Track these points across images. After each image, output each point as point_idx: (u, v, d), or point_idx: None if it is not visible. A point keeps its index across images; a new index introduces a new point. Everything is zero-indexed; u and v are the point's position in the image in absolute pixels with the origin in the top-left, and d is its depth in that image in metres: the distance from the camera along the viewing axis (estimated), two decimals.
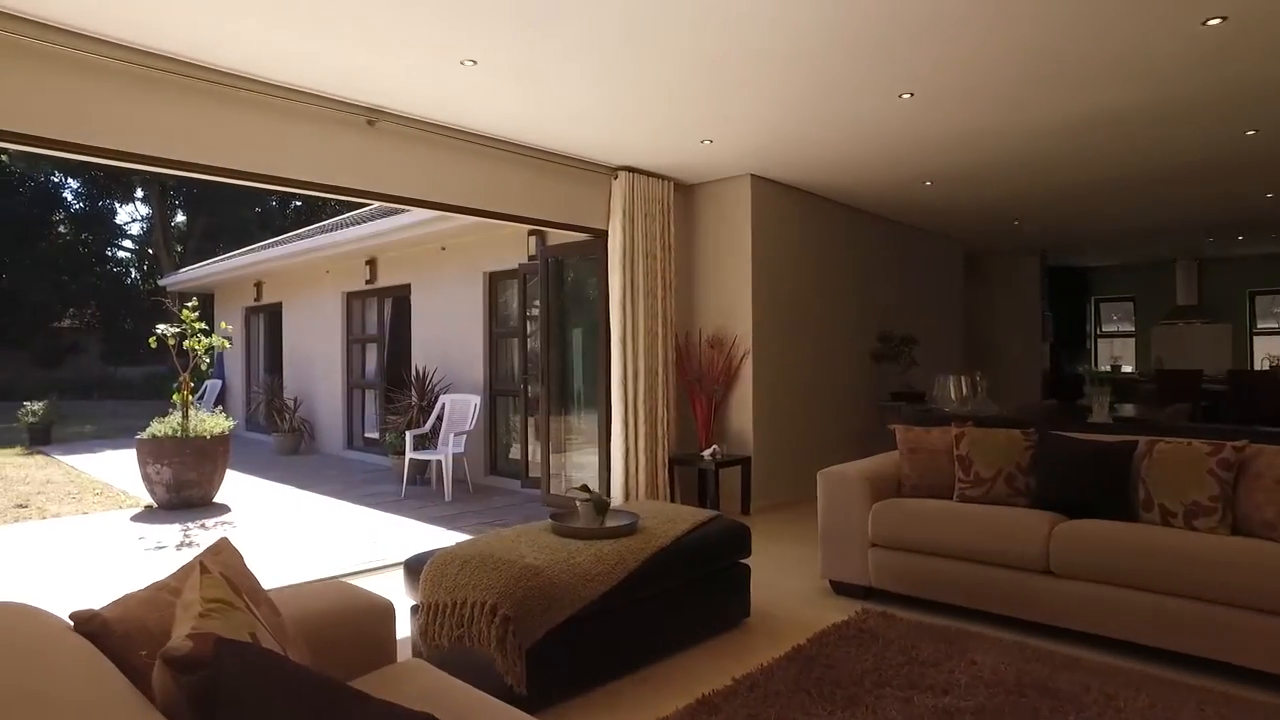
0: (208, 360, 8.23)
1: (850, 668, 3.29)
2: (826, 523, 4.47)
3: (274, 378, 13.13)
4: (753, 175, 6.87)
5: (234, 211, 24.57)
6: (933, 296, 10.19)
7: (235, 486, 8.89)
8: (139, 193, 25.73)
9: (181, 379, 8.10)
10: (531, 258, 8.29)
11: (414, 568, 3.30)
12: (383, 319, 11.04)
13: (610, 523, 3.64)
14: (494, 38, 3.88)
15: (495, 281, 9.10)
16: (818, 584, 4.65)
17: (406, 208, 5.76)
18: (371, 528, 6.71)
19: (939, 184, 7.21)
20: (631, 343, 6.46)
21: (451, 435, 8.17)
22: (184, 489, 7.70)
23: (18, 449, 13.03)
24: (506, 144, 5.71)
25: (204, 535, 6.57)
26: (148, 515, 7.49)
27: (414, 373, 9.42)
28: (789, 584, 4.68)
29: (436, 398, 9.15)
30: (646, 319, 6.55)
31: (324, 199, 4.83)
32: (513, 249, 8.60)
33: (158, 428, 7.82)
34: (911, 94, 4.70)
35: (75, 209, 25.25)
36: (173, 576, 1.80)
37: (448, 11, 3.59)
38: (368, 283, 10.89)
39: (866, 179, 6.99)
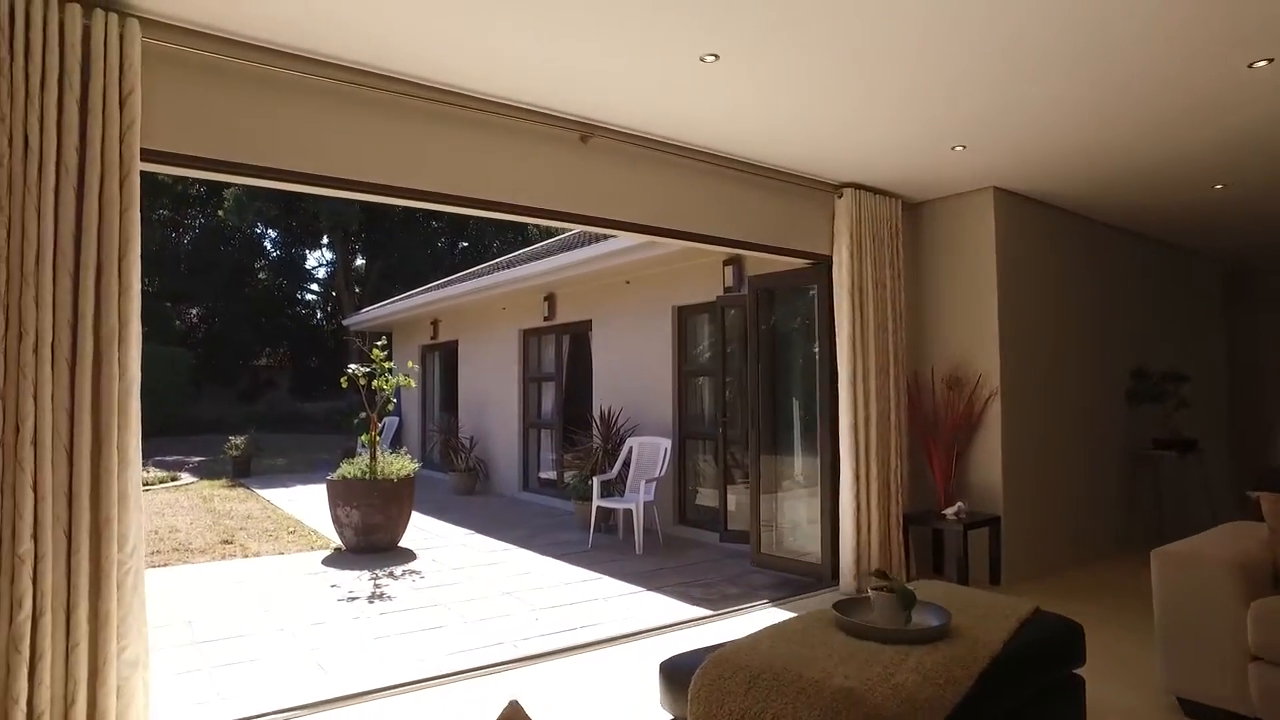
0: (394, 401, 8.06)
1: None
2: (1170, 621, 3.42)
3: (450, 416, 13.13)
4: (996, 188, 5.89)
5: (408, 254, 25.66)
6: (1188, 324, 8.67)
7: (417, 529, 8.67)
8: (325, 239, 27.44)
9: (369, 419, 7.97)
10: (728, 289, 7.62)
11: (676, 677, 2.60)
12: (561, 356, 10.71)
13: (917, 619, 2.80)
14: (735, 28, 3.23)
15: (685, 316, 8.49)
16: (1159, 700, 3.57)
17: (613, 232, 5.20)
18: (565, 581, 6.15)
19: (1234, 187, 5.93)
20: (863, 383, 5.59)
21: (643, 482, 7.56)
22: (371, 532, 7.49)
23: (224, 480, 13.67)
24: (725, 160, 5.07)
25: (394, 586, 6.23)
26: (337, 559, 7.30)
27: (598, 413, 8.94)
28: (1120, 698, 3.63)
29: (622, 440, 8.60)
30: (878, 356, 5.68)
31: (533, 223, 4.53)
32: (705, 281, 7.97)
33: (347, 469, 7.68)
34: (1269, 60, 3.65)
35: (273, 256, 27.24)
36: None
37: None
38: (545, 319, 10.59)
39: (1145, 185, 5.83)
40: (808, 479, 6.24)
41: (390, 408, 8.06)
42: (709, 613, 5.24)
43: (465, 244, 28.08)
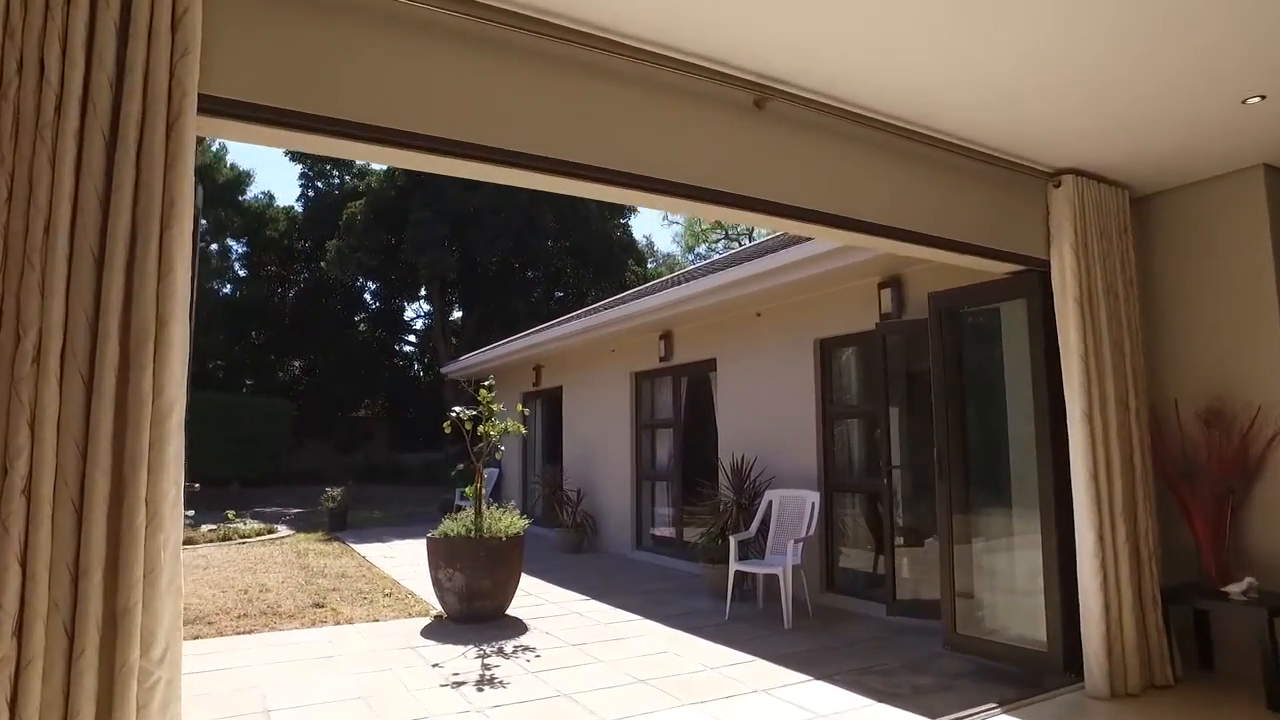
0: (501, 449, 7.19)
1: None
2: None
3: (554, 467, 12.23)
4: (1268, 166, 4.61)
5: (504, 303, 25.36)
6: None
7: (524, 592, 7.69)
8: (423, 290, 27.50)
9: (474, 470, 7.09)
10: (885, 316, 6.49)
11: None
12: (679, 401, 9.68)
13: None
14: None
15: (829, 350, 7.36)
16: None
17: (785, 224, 4.15)
18: (711, 665, 5.01)
19: None
20: (1100, 418, 4.34)
21: (790, 543, 6.38)
22: (476, 598, 6.54)
23: (319, 533, 13.12)
24: (922, 135, 4.01)
25: (505, 667, 5.21)
26: (438, 629, 6.37)
27: (728, 463, 7.82)
28: None
29: (758, 493, 7.46)
30: (1116, 385, 4.42)
31: (687, 209, 3.72)
32: (853, 308, 6.86)
33: (449, 526, 6.79)
34: None
35: (372, 308, 27.45)
36: None
37: None
38: (662, 360, 9.62)
39: None
40: (1020, 541, 4.96)
41: (499, 455, 7.14)
42: (916, 717, 4.02)
43: (561, 294, 27.70)
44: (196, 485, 3.14)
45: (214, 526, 12.54)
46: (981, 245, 4.41)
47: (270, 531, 13.09)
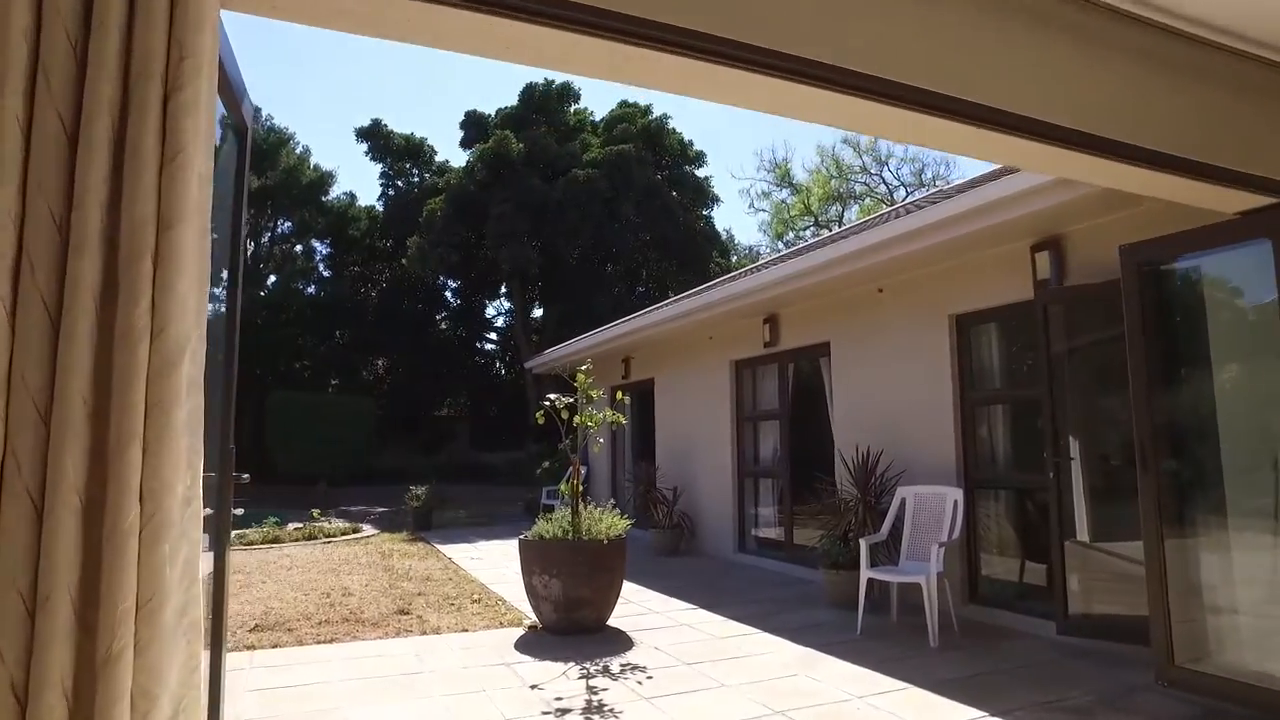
0: (600, 441, 6.49)
1: None
2: None
3: (646, 464, 11.51)
4: None
5: (586, 299, 24.84)
6: None
7: (625, 600, 6.98)
8: (503, 288, 27.23)
9: (572, 464, 6.42)
10: (1043, 283, 5.52)
11: None
12: (786, 390, 8.82)
13: None
14: None
15: (968, 328, 6.41)
16: None
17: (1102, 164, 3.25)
18: (856, 693, 4.18)
19: None
20: None
21: (933, 547, 5.48)
22: (576, 608, 5.85)
23: (404, 534, 12.74)
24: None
25: (614, 691, 4.49)
26: (534, 642, 5.70)
27: (851, 457, 6.94)
28: None
29: (886, 490, 6.57)
30: None
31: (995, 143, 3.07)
32: (997, 278, 5.92)
33: (544, 527, 6.13)
34: None
35: (454, 306, 27.33)
36: None
37: None
38: (766, 346, 8.78)
39: None
40: (1255, 549, 3.97)
41: (596, 449, 6.44)
42: None
43: (642, 289, 27.03)
44: (245, 476, 2.69)
45: (300, 525, 12.30)
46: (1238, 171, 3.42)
47: (355, 531, 12.79)
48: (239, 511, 2.55)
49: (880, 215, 7.66)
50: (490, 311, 29.18)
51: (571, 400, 6.27)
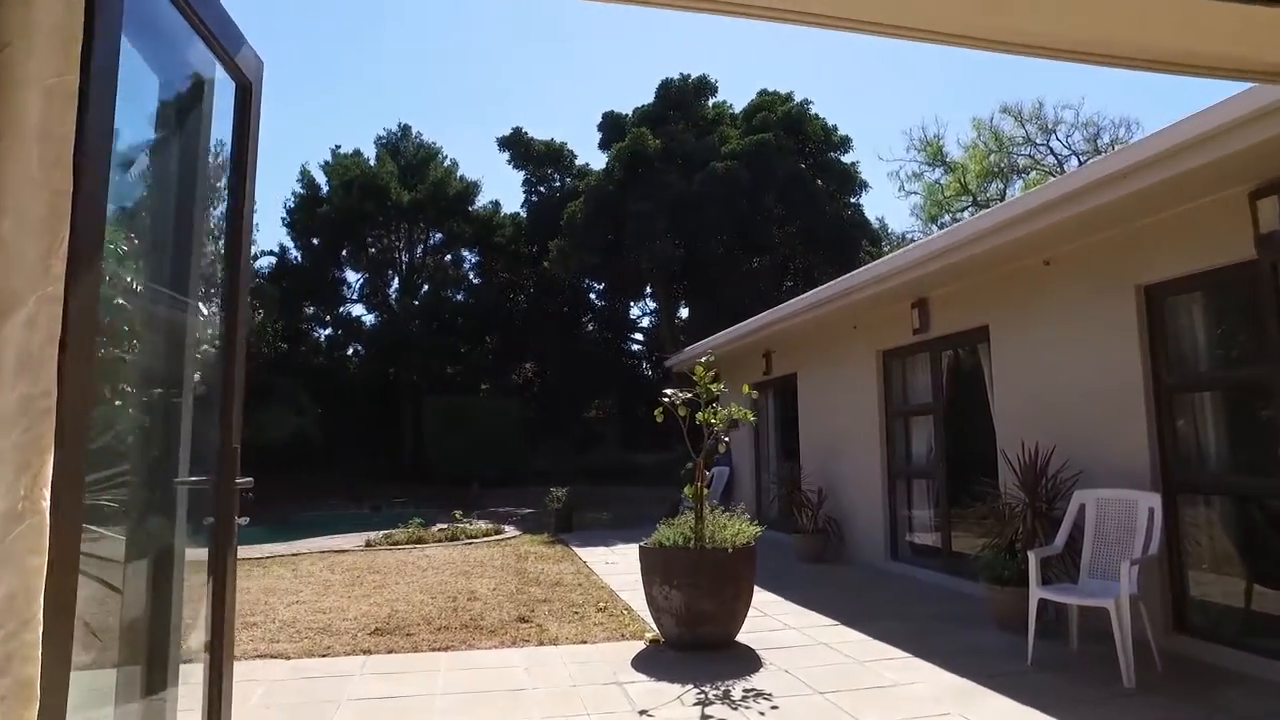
0: (725, 441, 5.94)
1: None
2: None
3: (790, 464, 10.81)
4: None
5: (732, 295, 24.22)
6: None
7: (757, 612, 6.39)
8: (648, 288, 27.06)
9: (695, 466, 5.90)
10: (1268, 236, 4.44)
11: None
12: (939, 382, 7.90)
13: None
14: None
15: (1160, 298, 5.35)
16: None
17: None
18: None
19: None
20: None
21: (1125, 565, 4.52)
22: (699, 623, 5.33)
23: (544, 536, 12.66)
24: None
25: None
26: (653, 658, 5.23)
27: (1015, 455, 6.01)
28: None
29: (1059, 494, 5.62)
30: None
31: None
32: (1206, 233, 4.85)
33: (665, 533, 5.65)
34: None
35: (598, 307, 27.47)
36: None
37: None
38: (915, 333, 7.90)
39: None
40: None
41: (722, 449, 5.89)
42: None
43: (790, 283, 26.05)
44: (249, 480, 2.42)
45: (444, 526, 12.48)
46: None
47: (497, 532, 12.85)
48: (244, 520, 2.21)
49: (1023, 197, 6.62)
50: (635, 312, 29.14)
51: (689, 396, 5.75)
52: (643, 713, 4.14)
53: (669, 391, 5.76)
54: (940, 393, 7.87)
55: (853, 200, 23.59)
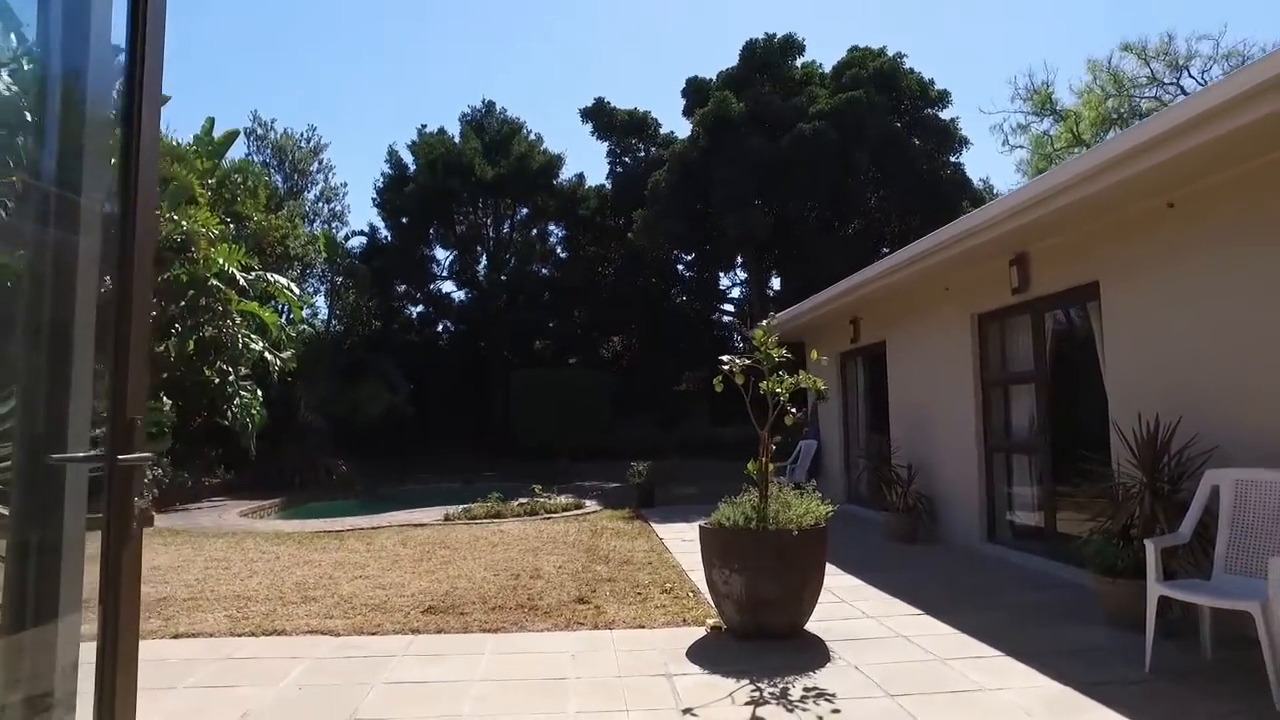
0: (792, 412, 5.40)
1: None
2: None
3: (880, 437, 10.13)
4: None
5: (824, 261, 23.27)
6: None
7: (832, 596, 5.90)
8: (739, 259, 26.33)
9: (761, 440, 5.41)
10: None
11: None
12: (1042, 346, 7.09)
13: None
14: None
15: None
16: None
17: None
18: None
19: None
20: None
21: (1272, 560, 3.79)
22: (761, 610, 4.87)
23: (625, 511, 12.39)
24: None
25: None
26: (711, 648, 4.81)
27: (1137, 428, 5.23)
28: None
29: (1187, 473, 4.85)
30: None
31: None
32: None
33: (726, 512, 5.20)
34: None
35: (687, 279, 26.94)
36: None
37: None
38: (1014, 292, 7.11)
39: None
40: None
41: (789, 421, 5.36)
42: None
43: (887, 249, 24.80)
44: (147, 455, 2.19)
45: (524, 501, 12.37)
46: None
47: (577, 507, 12.66)
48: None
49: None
50: (725, 283, 28.46)
51: (749, 362, 5.25)
52: (686, 711, 3.73)
53: (726, 358, 5.26)
54: (1043, 359, 7.06)
55: (952, 159, 22.14)
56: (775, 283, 27.01)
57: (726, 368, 5.24)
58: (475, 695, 4.00)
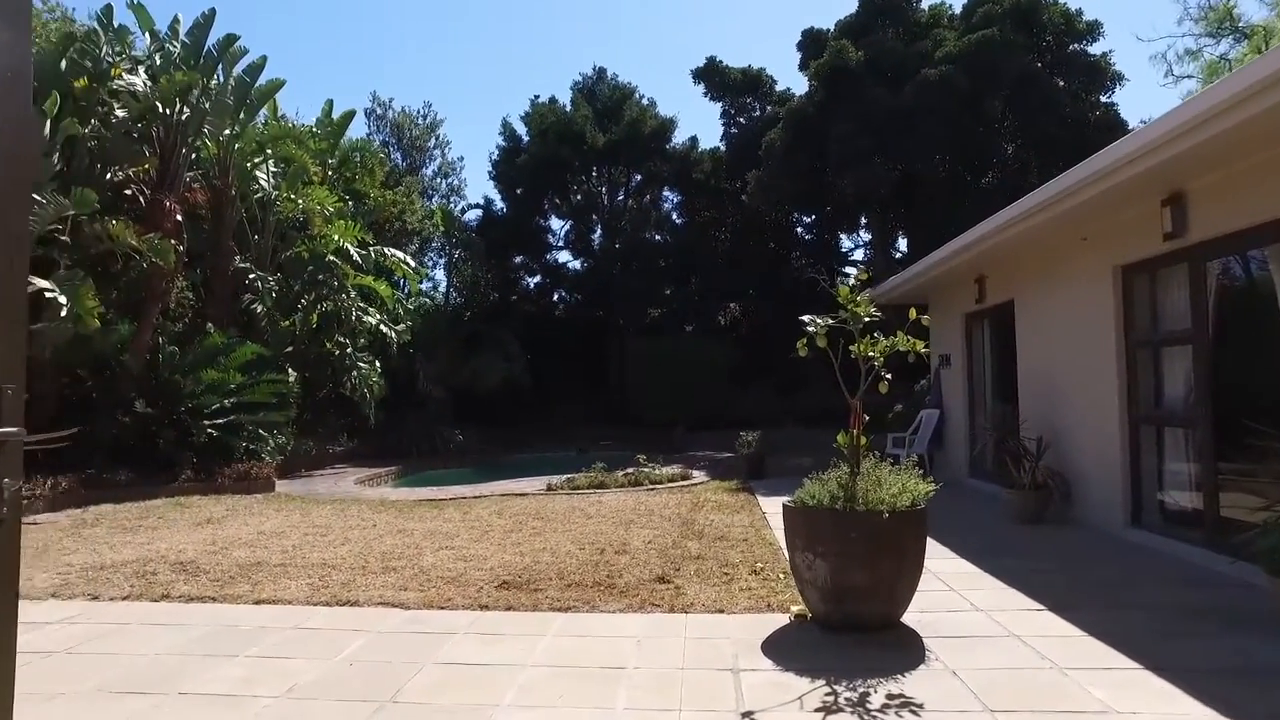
0: (887, 377, 4.79)
1: None
2: None
3: (1007, 407, 9.19)
4: None
5: (954, 221, 21.68)
6: None
7: (938, 582, 5.28)
8: (861, 219, 25.02)
9: (853, 409, 4.84)
10: None
11: None
12: (1202, 301, 6.06)
13: None
14: None
15: None
16: None
17: None
18: None
19: None
20: None
21: None
22: (848, 599, 4.35)
23: (733, 482, 11.95)
24: None
25: None
26: (791, 639, 4.34)
27: None
28: None
29: None
30: None
31: None
32: None
33: (811, 489, 4.67)
34: None
35: (806, 241, 25.88)
36: None
37: None
38: (1167, 238, 6.12)
39: None
40: None
41: (883, 388, 4.74)
42: None
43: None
44: (18, 431, 1.82)
45: (630, 471, 12.12)
46: None
47: (684, 478, 12.31)
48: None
49: None
50: (847, 245, 27.17)
51: (834, 322, 4.65)
52: (746, 715, 3.29)
53: (807, 318, 4.69)
54: (1204, 316, 6.03)
55: (1103, 99, 19.98)
56: (902, 244, 25.54)
57: (810, 329, 4.66)
58: (521, 683, 3.71)
